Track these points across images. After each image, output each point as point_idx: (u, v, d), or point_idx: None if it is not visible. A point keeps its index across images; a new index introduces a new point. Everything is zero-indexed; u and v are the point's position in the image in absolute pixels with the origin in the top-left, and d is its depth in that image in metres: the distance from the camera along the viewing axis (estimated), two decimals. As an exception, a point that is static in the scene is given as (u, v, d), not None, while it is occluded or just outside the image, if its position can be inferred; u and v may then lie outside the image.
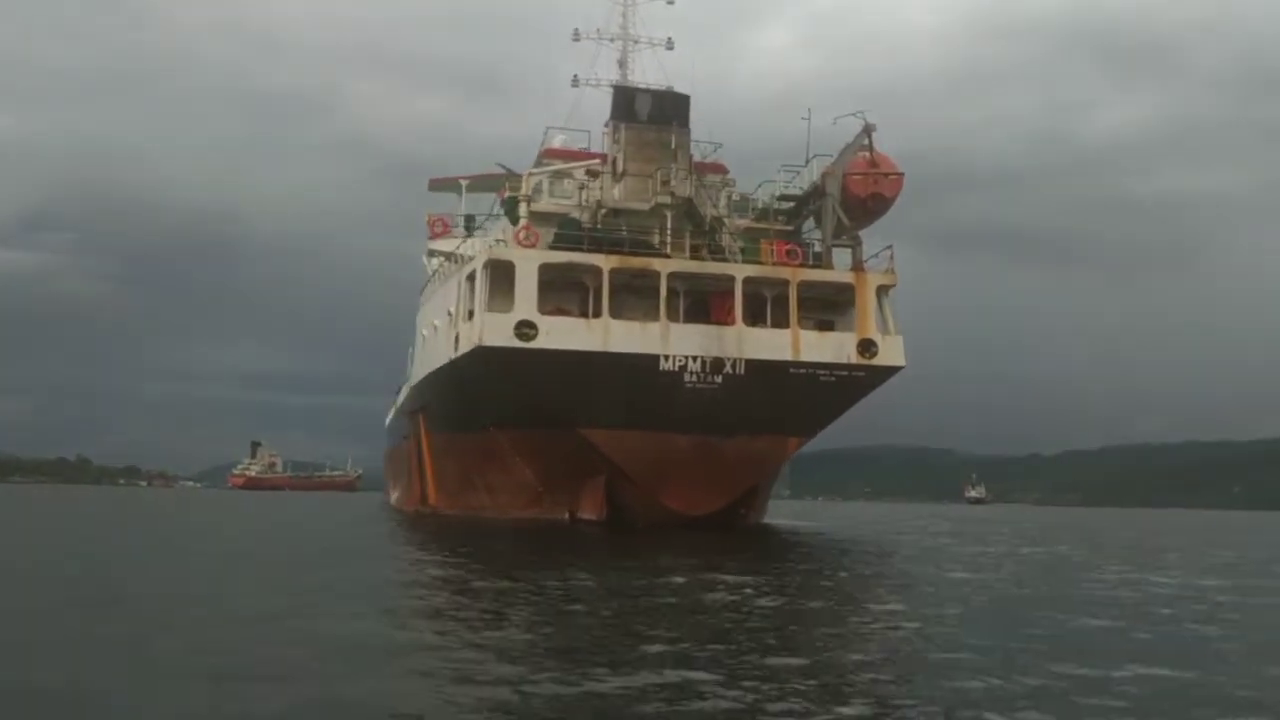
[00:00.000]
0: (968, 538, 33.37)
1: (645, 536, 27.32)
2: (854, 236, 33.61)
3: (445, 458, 39.56)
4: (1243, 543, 36.34)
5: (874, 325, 32.88)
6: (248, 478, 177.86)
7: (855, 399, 33.01)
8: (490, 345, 30.63)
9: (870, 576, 18.05)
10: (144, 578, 14.30)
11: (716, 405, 31.28)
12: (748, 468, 32.58)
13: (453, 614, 10.83)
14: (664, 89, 37.32)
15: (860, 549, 26.02)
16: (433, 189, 45.67)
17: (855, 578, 17.49)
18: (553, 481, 33.91)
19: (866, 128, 33.57)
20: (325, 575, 14.94)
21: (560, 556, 19.78)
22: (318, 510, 51.46)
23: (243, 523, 37.64)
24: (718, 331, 31.85)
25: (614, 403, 30.86)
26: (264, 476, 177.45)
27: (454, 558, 19.18)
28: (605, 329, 31.14)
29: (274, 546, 23.95)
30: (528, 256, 31.53)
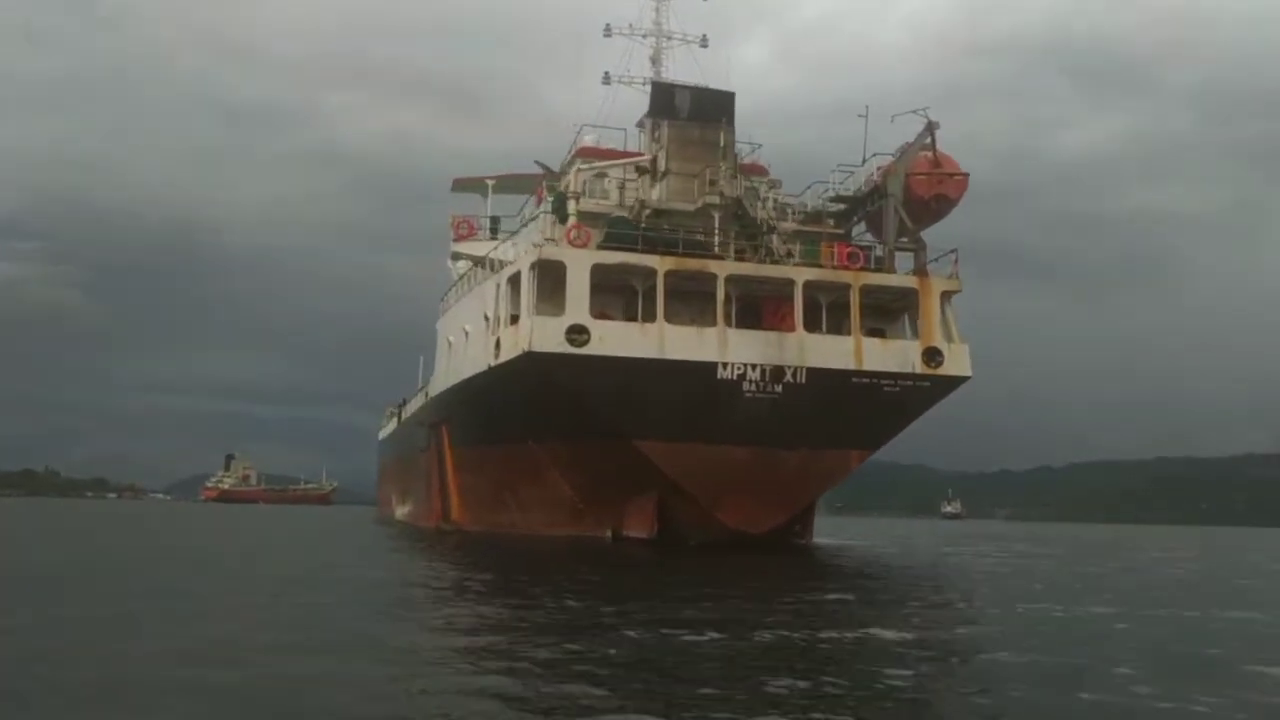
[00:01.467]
0: (1034, 556, 31.78)
1: (712, 560, 25.39)
2: (917, 239, 31.99)
3: (472, 472, 37.48)
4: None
5: (938, 333, 31.24)
6: (221, 490, 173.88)
7: (919, 411, 31.32)
8: (540, 351, 28.68)
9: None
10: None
11: (776, 416, 29.50)
12: (809, 483, 30.84)
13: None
14: (703, 86, 35.63)
15: (981, 578, 21.35)
16: (456, 190, 43.65)
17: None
18: (594, 497, 31.99)
19: (929, 125, 32.02)
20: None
21: (675, 591, 16.79)
22: (316, 526, 49.00)
23: (249, 540, 35.33)
24: (778, 338, 30.08)
25: (669, 413, 29.01)
26: (238, 489, 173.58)
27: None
28: (661, 334, 29.29)
29: (334, 588, 17.47)
30: (579, 257, 29.64)
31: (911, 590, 18.00)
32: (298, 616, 11.56)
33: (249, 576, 18.06)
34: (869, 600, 15.41)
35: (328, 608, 12.61)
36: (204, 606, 12.42)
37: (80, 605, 12.15)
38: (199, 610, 11.95)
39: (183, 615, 11.36)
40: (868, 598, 15.82)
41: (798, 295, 30.44)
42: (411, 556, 25.65)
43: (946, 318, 31.61)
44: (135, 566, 20.44)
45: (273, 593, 14.16)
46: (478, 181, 42.11)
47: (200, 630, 10.03)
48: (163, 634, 9.70)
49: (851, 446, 31.09)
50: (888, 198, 31.43)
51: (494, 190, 41.59)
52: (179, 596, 13.33)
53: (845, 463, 31.26)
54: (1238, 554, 41.45)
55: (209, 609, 12.21)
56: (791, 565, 24.39)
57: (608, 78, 40.78)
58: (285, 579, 17.12)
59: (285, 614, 11.78)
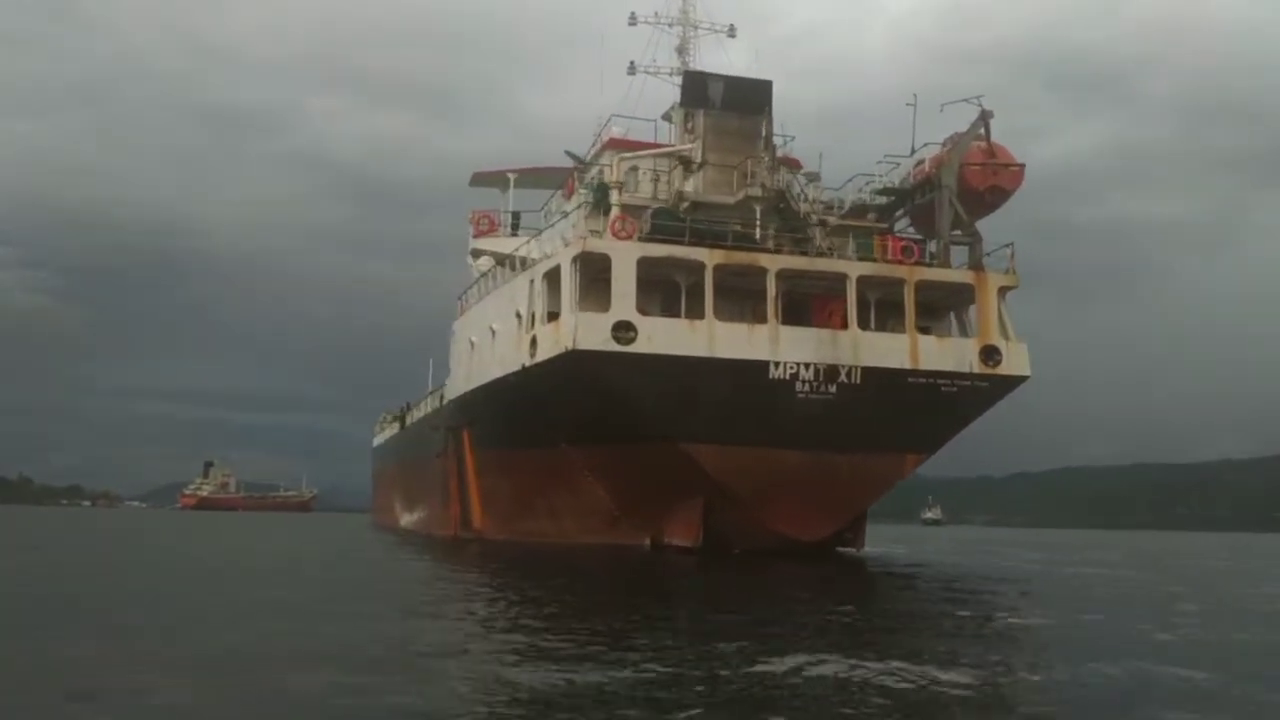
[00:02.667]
0: (1096, 562, 30.46)
1: (766, 571, 23.86)
2: (972, 232, 30.58)
3: (497, 478, 35.73)
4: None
5: (996, 331, 29.84)
6: (199, 498, 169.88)
7: (977, 413, 29.90)
8: (585, 349, 27.06)
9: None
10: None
11: (830, 418, 28.03)
12: (864, 488, 29.38)
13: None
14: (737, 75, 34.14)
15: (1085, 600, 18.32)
16: (475, 184, 41.88)
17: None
18: (633, 504, 30.39)
19: (983, 114, 30.64)
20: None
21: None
22: (316, 536, 46.81)
23: (254, 555, 33.42)
24: (831, 336, 28.59)
25: (719, 415, 27.49)
26: (216, 496, 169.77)
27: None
28: (710, 332, 27.74)
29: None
30: (625, 249, 28.06)
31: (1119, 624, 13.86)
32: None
33: (300, 608, 14.19)
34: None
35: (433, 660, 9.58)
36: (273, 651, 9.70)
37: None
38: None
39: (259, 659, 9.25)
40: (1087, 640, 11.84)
41: (851, 291, 28.99)
42: (454, 572, 23.91)
43: (1003, 315, 30.23)
44: (152, 587, 18.49)
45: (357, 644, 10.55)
46: (498, 175, 40.39)
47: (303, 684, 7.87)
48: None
49: (907, 450, 29.64)
50: (941, 189, 30.01)
51: (515, 185, 39.86)
52: (245, 643, 10.36)
53: (900, 467, 29.80)
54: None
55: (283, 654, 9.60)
56: (874, 579, 22.90)
57: (633, 68, 39.33)
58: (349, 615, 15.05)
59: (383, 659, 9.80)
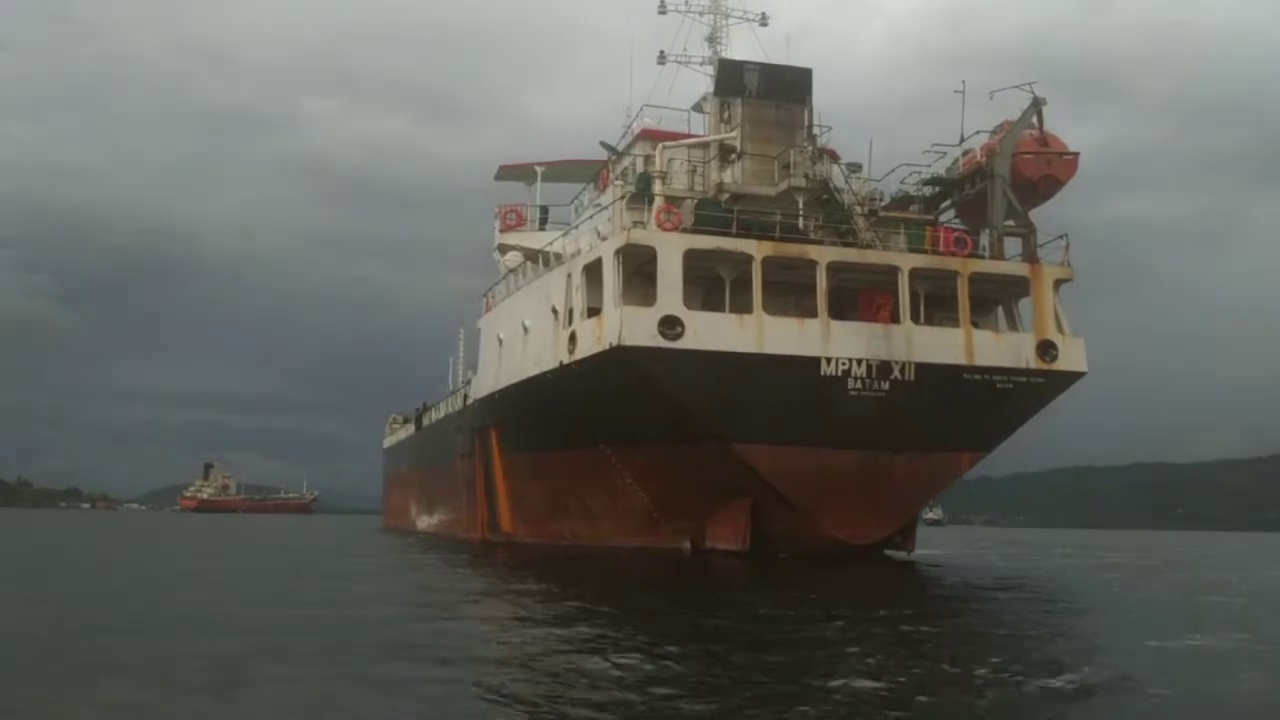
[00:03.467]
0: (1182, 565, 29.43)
1: (829, 576, 22.79)
2: (1026, 222, 29.53)
3: (528, 479, 34.64)
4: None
5: (1052, 325, 28.80)
6: (200, 500, 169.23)
7: (1033, 410, 28.84)
8: (631, 345, 25.97)
9: None
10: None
11: (883, 416, 26.97)
12: (918, 489, 28.34)
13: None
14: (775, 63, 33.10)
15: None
16: (500, 177, 40.74)
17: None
18: (672, 505, 29.31)
19: (1035, 101, 29.62)
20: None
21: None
22: (331, 539, 45.63)
23: (277, 558, 32.31)
24: (884, 330, 27.52)
25: (769, 413, 26.41)
26: (217, 499, 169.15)
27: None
28: (760, 327, 26.67)
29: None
30: (672, 241, 26.98)
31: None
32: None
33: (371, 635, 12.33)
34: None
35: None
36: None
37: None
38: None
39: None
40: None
41: (903, 284, 27.91)
42: (505, 581, 22.82)
43: (1058, 309, 29.20)
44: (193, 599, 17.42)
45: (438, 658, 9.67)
46: (525, 169, 39.28)
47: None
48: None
49: (962, 449, 28.58)
50: (994, 178, 28.96)
51: (543, 178, 38.78)
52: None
53: (955, 466, 28.74)
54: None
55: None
56: (947, 586, 21.84)
57: (663, 57, 38.16)
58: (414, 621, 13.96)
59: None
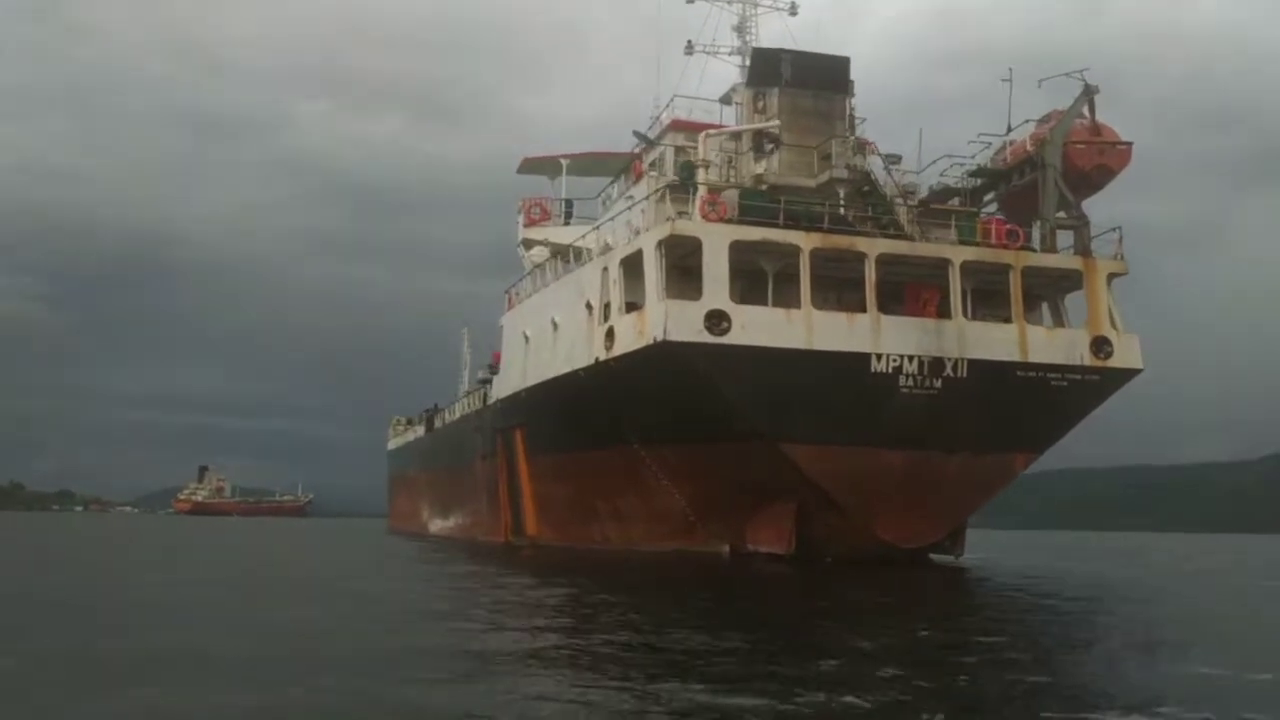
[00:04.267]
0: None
1: (887, 581, 21.73)
2: (1079, 214, 28.52)
3: (554, 481, 33.55)
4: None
5: (1105, 321, 27.80)
6: (194, 503, 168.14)
7: (1088, 409, 27.84)
8: (676, 340, 24.90)
9: None
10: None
11: (935, 415, 25.95)
12: (971, 491, 27.30)
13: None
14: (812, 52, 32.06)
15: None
16: (523, 170, 39.68)
17: None
18: (711, 508, 28.26)
19: (1087, 89, 28.59)
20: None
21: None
22: (356, 548, 44.36)
23: (311, 566, 31.09)
24: (935, 326, 26.50)
25: (818, 412, 25.36)
26: (211, 501, 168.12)
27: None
28: (808, 322, 25.62)
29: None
30: (718, 232, 25.92)
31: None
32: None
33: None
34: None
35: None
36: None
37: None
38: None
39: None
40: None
41: (955, 277, 26.91)
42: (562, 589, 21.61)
43: (1111, 304, 28.20)
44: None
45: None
46: (550, 161, 38.19)
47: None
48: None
49: (1016, 449, 27.58)
50: (1046, 169, 27.94)
51: (568, 171, 37.70)
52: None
53: (1009, 468, 27.72)
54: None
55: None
56: (1007, 596, 20.78)
57: (690, 47, 37.13)
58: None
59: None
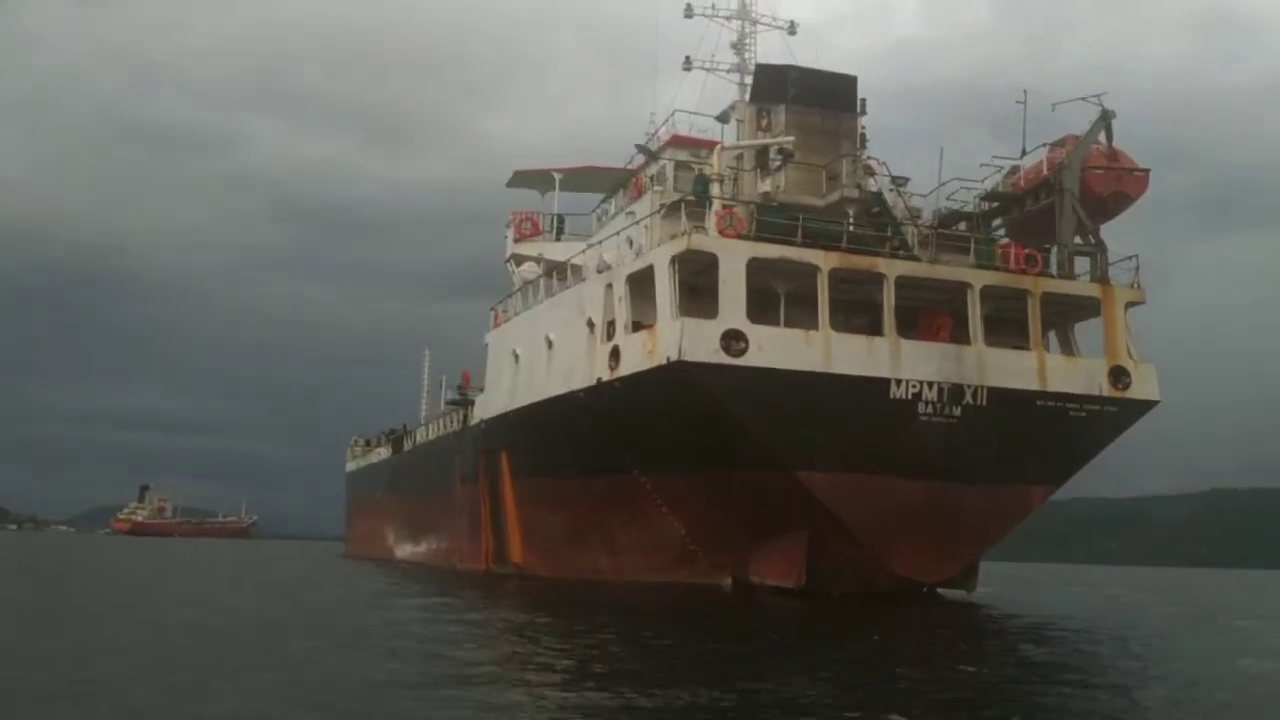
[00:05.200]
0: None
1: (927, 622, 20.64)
2: (1097, 241, 27.88)
3: (543, 507, 32.11)
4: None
5: (1124, 350, 27.11)
6: (134, 523, 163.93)
7: (1106, 440, 27.09)
8: (691, 360, 23.71)
9: None
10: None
11: (954, 444, 25.03)
12: (989, 523, 26.35)
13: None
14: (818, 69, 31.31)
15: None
16: (513, 184, 38.32)
17: None
18: (714, 538, 27.04)
19: (1104, 115, 28.09)
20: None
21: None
22: (328, 576, 42.64)
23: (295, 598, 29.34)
24: (955, 351, 25.62)
25: (835, 439, 24.30)
26: (151, 522, 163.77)
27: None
28: (827, 344, 24.58)
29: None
30: (735, 249, 24.83)
31: None
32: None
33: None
34: None
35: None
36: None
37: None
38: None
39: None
40: None
41: (974, 302, 26.09)
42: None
43: (1128, 333, 27.54)
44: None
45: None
46: (542, 175, 36.91)
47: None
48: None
49: (1034, 481, 26.71)
50: (1063, 194, 27.31)
51: (560, 185, 36.44)
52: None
53: (1026, 501, 26.83)
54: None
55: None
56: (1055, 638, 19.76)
57: (689, 63, 36.26)
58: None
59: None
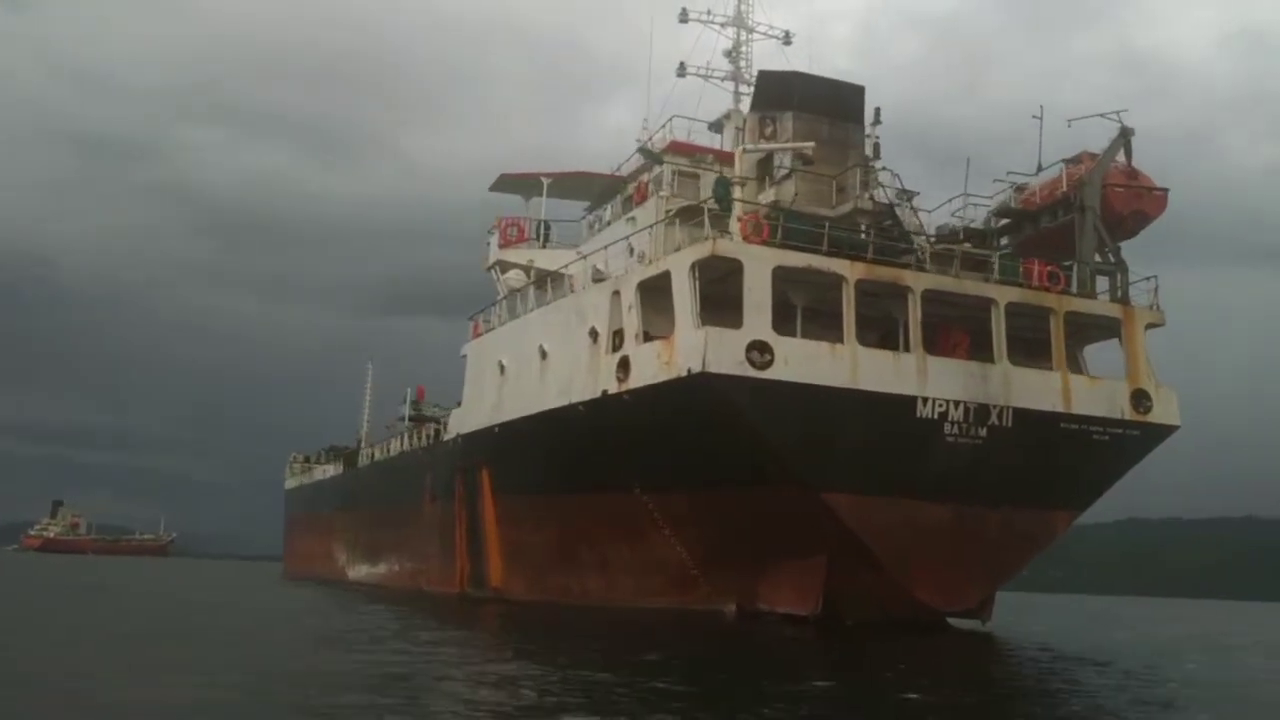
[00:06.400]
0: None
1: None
2: (1118, 260, 27.14)
3: (529, 526, 30.35)
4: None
5: (1145, 373, 26.34)
6: (45, 539, 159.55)
7: (1127, 466, 26.25)
8: (716, 372, 22.29)
9: None
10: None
11: (979, 466, 23.94)
12: (1013, 549, 25.28)
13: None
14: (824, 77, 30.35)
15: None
16: (497, 188, 36.45)
17: None
18: (719, 561, 25.58)
19: (1124, 132, 27.41)
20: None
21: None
22: (292, 600, 40.36)
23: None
24: (980, 369, 24.55)
25: (859, 458, 23.04)
26: (65, 538, 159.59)
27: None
28: (853, 358, 23.35)
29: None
30: (760, 256, 23.49)
31: None
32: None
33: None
34: None
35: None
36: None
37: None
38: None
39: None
40: None
41: (999, 319, 25.09)
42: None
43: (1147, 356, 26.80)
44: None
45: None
46: (529, 179, 35.15)
47: None
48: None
49: (1057, 507, 25.72)
50: (1085, 211, 26.49)
51: (548, 191, 34.80)
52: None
53: (1050, 527, 25.81)
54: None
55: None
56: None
57: (683, 69, 35.11)
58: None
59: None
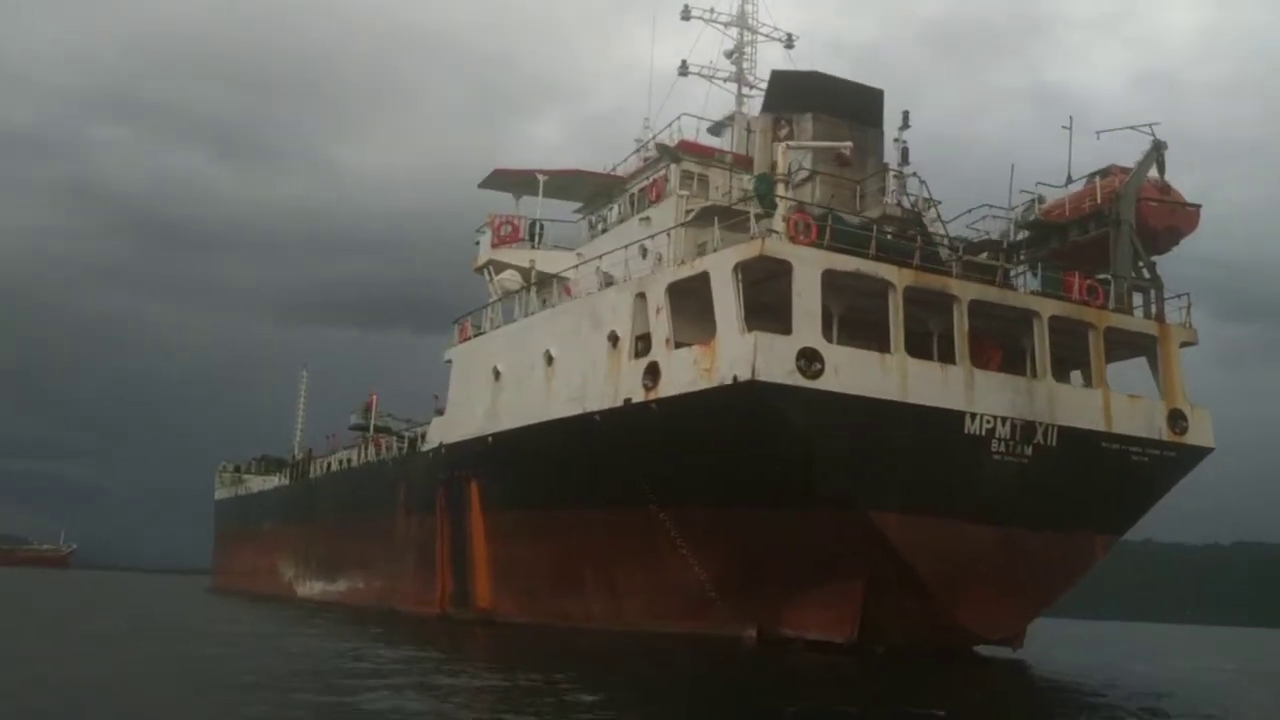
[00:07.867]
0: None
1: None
2: (1153, 276, 26.33)
3: (524, 543, 28.39)
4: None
5: (1180, 393, 25.55)
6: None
7: (1164, 489, 25.38)
8: (766, 381, 20.76)
9: None
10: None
11: (1025, 487, 22.81)
12: (1056, 575, 24.23)
13: None
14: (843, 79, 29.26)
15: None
16: (488, 185, 34.36)
17: None
18: (740, 583, 24.03)
19: (1156, 145, 26.61)
20: None
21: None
22: (243, 617, 37.70)
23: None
24: (1026, 385, 23.46)
25: (904, 475, 21.74)
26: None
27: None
28: (903, 369, 22.05)
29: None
30: (809, 258, 22.05)
31: None
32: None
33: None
34: None
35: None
36: None
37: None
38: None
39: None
40: None
41: (1041, 332, 24.04)
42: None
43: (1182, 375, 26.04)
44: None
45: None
46: (524, 176, 33.26)
47: None
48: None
49: (1097, 530, 24.70)
50: (1120, 225, 25.62)
51: (544, 190, 32.95)
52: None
53: (1090, 551, 24.77)
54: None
55: None
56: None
57: (685, 68, 33.77)
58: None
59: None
